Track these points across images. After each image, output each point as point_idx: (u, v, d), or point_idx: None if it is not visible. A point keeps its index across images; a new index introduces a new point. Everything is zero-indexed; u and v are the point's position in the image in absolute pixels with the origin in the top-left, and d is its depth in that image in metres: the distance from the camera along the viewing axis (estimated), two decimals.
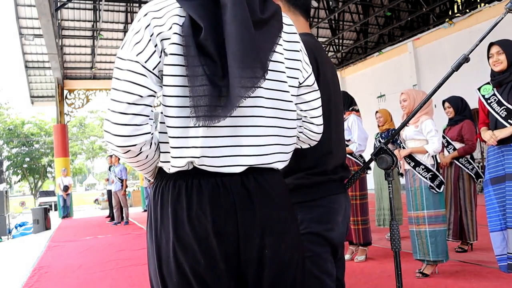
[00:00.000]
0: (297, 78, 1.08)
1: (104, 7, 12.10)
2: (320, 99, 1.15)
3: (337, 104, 1.44)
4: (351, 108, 4.10)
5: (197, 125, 0.89)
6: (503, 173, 2.75)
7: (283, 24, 1.04)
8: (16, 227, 12.10)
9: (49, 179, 34.51)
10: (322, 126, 1.18)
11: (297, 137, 1.15)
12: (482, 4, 11.87)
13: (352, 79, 16.09)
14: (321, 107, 1.16)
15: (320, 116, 1.16)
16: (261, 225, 0.94)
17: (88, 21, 13.03)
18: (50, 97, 16.62)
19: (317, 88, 1.14)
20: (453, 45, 11.98)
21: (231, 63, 0.87)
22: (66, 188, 12.91)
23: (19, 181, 35.34)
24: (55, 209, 18.45)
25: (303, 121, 1.14)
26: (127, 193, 10.02)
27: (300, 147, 1.21)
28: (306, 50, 1.15)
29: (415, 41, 13.68)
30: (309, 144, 1.20)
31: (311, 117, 1.14)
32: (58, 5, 11.29)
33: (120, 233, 8.05)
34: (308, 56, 1.15)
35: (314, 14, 14.08)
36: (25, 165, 32.10)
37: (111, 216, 10.60)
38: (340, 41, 16.14)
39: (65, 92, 14.88)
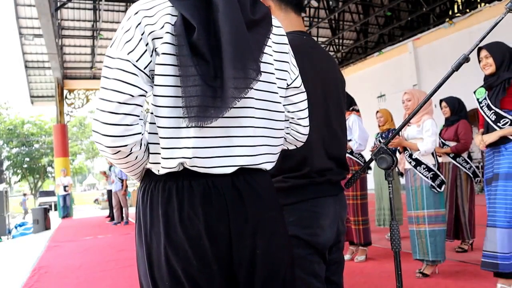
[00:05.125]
0: (285, 80, 1.08)
1: (104, 7, 12.08)
2: (306, 100, 1.15)
3: (329, 105, 1.40)
4: (351, 108, 4.10)
5: (189, 125, 0.87)
6: (492, 174, 2.80)
7: (273, 26, 1.04)
8: (16, 227, 12.10)
9: (49, 179, 34.52)
10: (309, 127, 1.18)
11: (284, 138, 1.14)
12: (482, 4, 11.86)
13: (352, 79, 16.06)
14: (307, 109, 1.16)
15: (307, 117, 1.16)
16: (252, 225, 0.94)
17: (88, 21, 13.03)
18: (50, 97, 16.64)
19: (304, 90, 1.14)
20: (453, 45, 11.97)
21: (226, 64, 0.86)
22: (65, 188, 12.90)
23: (19, 181, 35.34)
24: (55, 209, 18.45)
25: (290, 122, 1.14)
26: (127, 193, 10.01)
27: (286, 148, 1.20)
28: None
29: (415, 41, 13.67)
30: (295, 145, 1.20)
31: (298, 118, 1.14)
32: (58, 5, 11.28)
33: (120, 233, 8.04)
34: None
35: (314, 14, 14.07)
36: (25, 165, 32.12)
37: (111, 216, 10.60)
38: (340, 41, 16.13)
39: (65, 92, 14.90)
